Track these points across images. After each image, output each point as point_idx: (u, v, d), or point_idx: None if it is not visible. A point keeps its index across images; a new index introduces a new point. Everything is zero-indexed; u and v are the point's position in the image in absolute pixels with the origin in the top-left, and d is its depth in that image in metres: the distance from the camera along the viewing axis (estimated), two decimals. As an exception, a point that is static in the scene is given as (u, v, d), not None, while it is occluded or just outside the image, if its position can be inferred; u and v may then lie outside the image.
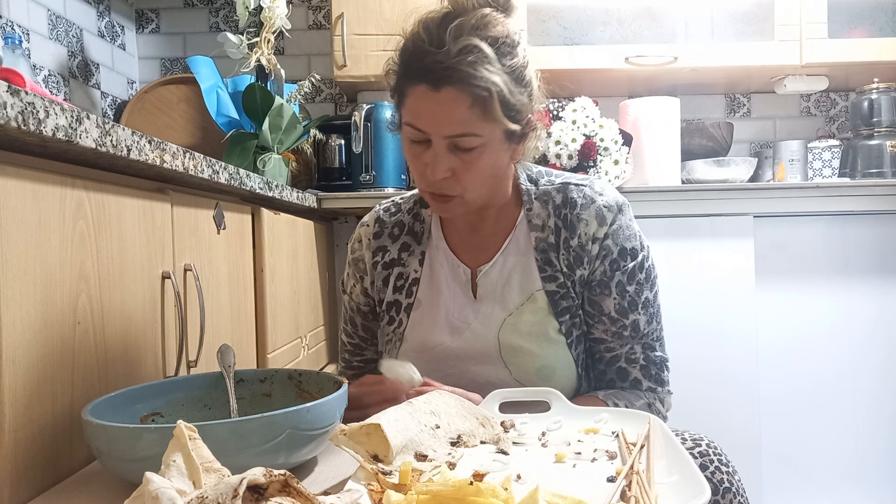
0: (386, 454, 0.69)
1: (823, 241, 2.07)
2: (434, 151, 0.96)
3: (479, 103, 0.92)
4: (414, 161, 1.00)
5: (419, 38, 0.95)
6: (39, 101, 0.69)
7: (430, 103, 0.93)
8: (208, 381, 0.88)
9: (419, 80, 0.94)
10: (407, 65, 0.97)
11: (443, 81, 0.91)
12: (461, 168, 0.97)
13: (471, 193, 1.00)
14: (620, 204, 1.07)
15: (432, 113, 0.94)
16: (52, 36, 1.99)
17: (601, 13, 2.42)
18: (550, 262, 1.06)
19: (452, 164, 0.97)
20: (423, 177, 1.00)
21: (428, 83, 0.93)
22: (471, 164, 0.97)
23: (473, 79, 0.91)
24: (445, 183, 0.98)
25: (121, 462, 0.67)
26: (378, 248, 1.16)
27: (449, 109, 0.93)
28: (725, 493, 0.91)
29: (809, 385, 2.08)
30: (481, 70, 0.91)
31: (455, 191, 0.99)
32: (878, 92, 2.27)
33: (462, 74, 0.91)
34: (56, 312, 0.77)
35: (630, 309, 1.06)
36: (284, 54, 2.56)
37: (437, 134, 0.95)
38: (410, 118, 0.97)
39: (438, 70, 0.91)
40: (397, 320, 1.13)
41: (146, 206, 0.98)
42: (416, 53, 0.94)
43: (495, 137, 0.97)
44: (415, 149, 0.99)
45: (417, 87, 0.94)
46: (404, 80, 0.97)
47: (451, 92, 0.92)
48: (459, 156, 0.96)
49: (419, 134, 0.96)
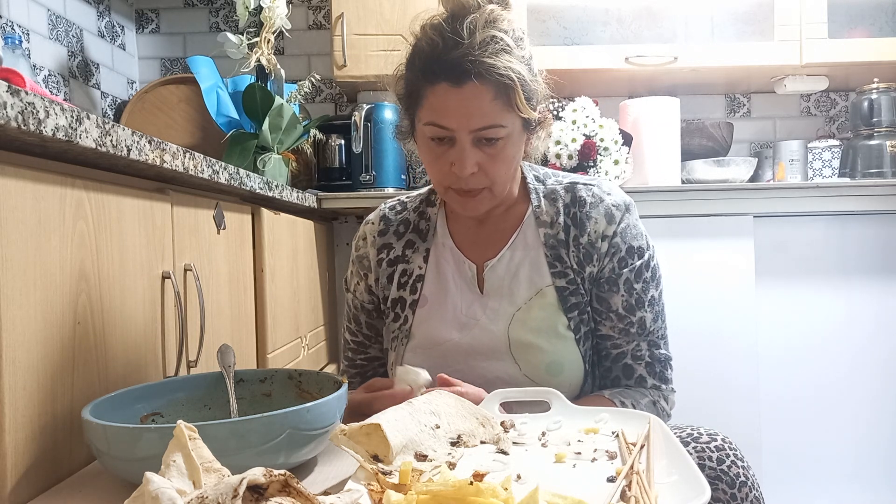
0: (386, 454, 0.69)
1: (823, 241, 2.07)
2: (461, 147, 0.98)
3: (502, 94, 0.96)
4: (436, 161, 1.01)
5: (432, 40, 0.97)
6: (39, 101, 0.69)
7: (453, 100, 0.95)
8: (208, 381, 0.88)
9: (439, 78, 0.96)
10: (424, 66, 0.98)
11: (465, 76, 0.94)
12: (487, 161, 0.99)
13: (498, 186, 1.02)
14: (628, 203, 1.09)
15: (456, 108, 0.96)
16: (52, 36, 1.99)
17: (601, 13, 2.42)
18: (561, 258, 1.08)
19: (479, 158, 0.99)
20: (446, 175, 1.01)
21: (449, 80, 0.95)
22: (496, 157, 0.99)
23: (497, 69, 0.94)
24: (472, 178, 1.00)
25: (121, 462, 0.67)
26: (383, 245, 1.17)
27: (474, 103, 0.95)
28: (742, 486, 0.91)
29: (809, 385, 2.08)
30: (504, 60, 0.94)
31: (483, 184, 1.01)
32: (878, 92, 2.27)
33: (487, 66, 0.93)
34: (56, 312, 0.77)
35: (637, 306, 1.07)
36: (284, 54, 2.56)
37: (463, 129, 0.97)
38: (433, 117, 0.98)
39: (462, 65, 0.93)
40: (402, 317, 1.13)
41: (146, 206, 0.98)
42: (434, 53, 0.96)
43: (516, 127, 1.00)
44: (437, 149, 1.00)
45: (438, 86, 0.96)
46: (422, 82, 0.98)
47: (474, 86, 0.94)
48: (484, 150, 0.99)
49: (443, 132, 0.98)
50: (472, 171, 0.99)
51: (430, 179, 1.09)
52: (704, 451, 0.94)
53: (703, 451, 0.94)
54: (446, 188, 1.04)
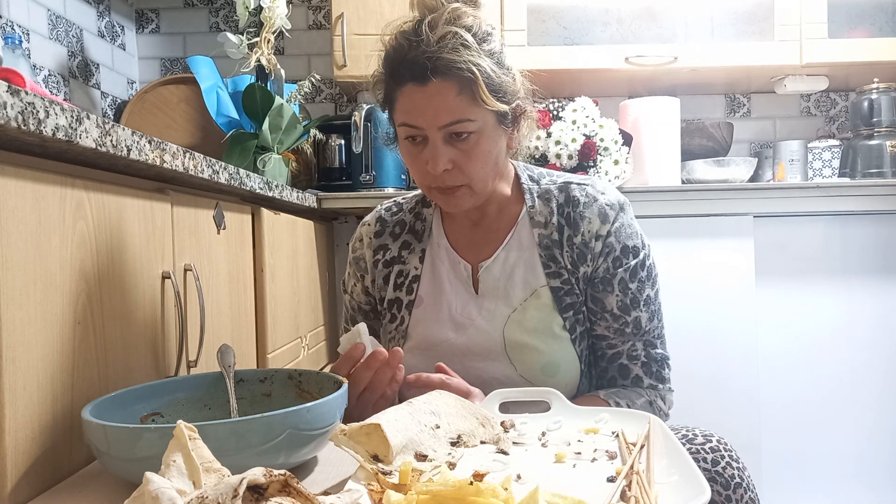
0: (386, 454, 0.69)
1: (823, 241, 2.07)
2: (432, 145, 0.99)
3: (467, 88, 0.97)
4: (414, 161, 1.03)
5: (398, 43, 0.99)
6: (39, 101, 0.69)
7: (420, 98, 0.97)
8: (208, 381, 0.88)
9: (406, 79, 0.98)
10: (391, 69, 1.00)
11: (428, 74, 0.95)
12: (461, 157, 1.00)
13: (477, 182, 1.02)
14: (622, 203, 1.09)
15: (424, 107, 0.97)
16: (52, 36, 1.99)
17: (601, 13, 2.42)
18: (555, 258, 1.08)
19: (451, 155, 0.99)
20: (425, 174, 1.02)
21: (415, 80, 0.97)
22: (469, 152, 1.00)
23: (456, 63, 0.95)
24: (448, 175, 1.01)
25: (121, 462, 0.67)
26: (379, 246, 1.17)
27: (439, 100, 0.96)
28: (737, 488, 0.91)
29: (809, 385, 2.08)
30: (463, 54, 0.96)
31: (459, 181, 1.01)
32: (878, 92, 2.27)
33: (445, 62, 0.95)
34: (56, 312, 0.77)
35: (632, 306, 1.07)
36: (284, 54, 2.56)
37: (431, 126, 0.98)
38: (404, 118, 1.00)
39: (422, 63, 0.95)
40: (399, 317, 1.13)
41: (146, 206, 0.98)
42: (398, 56, 0.98)
43: (489, 122, 1.00)
44: (413, 149, 1.02)
45: (405, 87, 0.98)
46: (392, 85, 1.01)
47: (438, 83, 0.96)
48: (457, 146, 0.99)
49: (415, 131, 1.00)
50: (447, 168, 0.99)
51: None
52: (699, 452, 0.94)
53: (698, 453, 0.94)
54: (428, 187, 1.05)
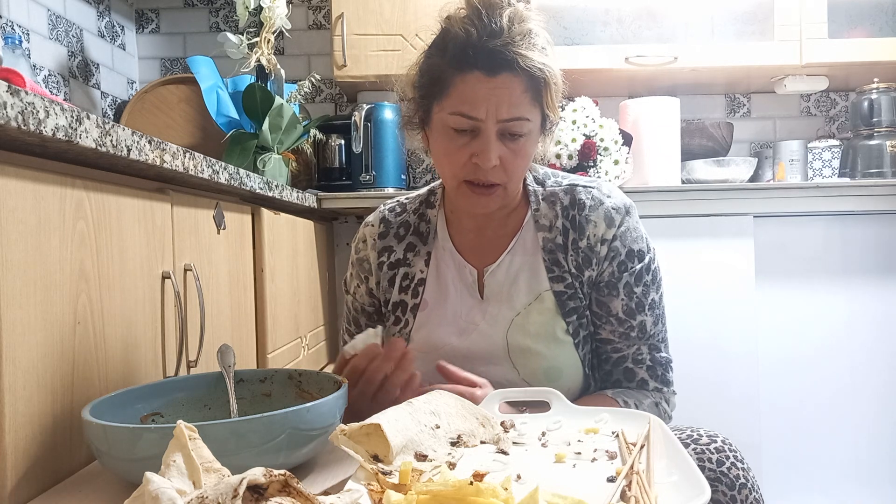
0: (386, 454, 0.69)
1: (823, 241, 2.07)
2: (486, 138, 0.97)
3: (532, 87, 0.96)
4: (456, 153, 0.99)
5: (467, 28, 0.96)
6: (39, 101, 0.69)
7: (484, 88, 0.95)
8: (208, 381, 0.88)
9: (472, 67, 0.95)
10: (457, 53, 0.96)
11: (502, 66, 0.94)
12: (508, 156, 0.99)
13: (513, 184, 1.02)
14: (628, 206, 1.08)
15: (487, 98, 0.95)
16: (52, 36, 1.99)
17: (601, 13, 2.41)
18: (558, 262, 1.07)
19: (501, 151, 0.98)
20: (463, 166, 1.00)
21: (484, 69, 0.95)
22: (518, 152, 0.99)
23: (535, 62, 0.94)
24: (493, 172, 0.99)
25: (121, 462, 0.67)
26: (383, 248, 1.16)
27: (505, 93, 0.95)
28: (742, 488, 0.91)
29: (809, 385, 2.08)
30: (539, 54, 0.95)
31: (500, 179, 1.00)
32: (878, 92, 2.27)
33: (526, 58, 0.94)
34: (56, 312, 0.77)
35: (637, 310, 1.06)
36: (284, 54, 2.56)
37: (490, 118, 0.96)
38: (459, 106, 0.97)
39: (501, 54, 0.94)
40: (403, 320, 1.13)
41: (146, 206, 0.98)
42: (470, 41, 0.95)
43: (537, 125, 1.00)
44: (457, 139, 0.99)
45: (469, 75, 0.96)
46: (452, 70, 0.97)
47: (507, 76, 0.95)
48: (507, 144, 0.98)
49: (469, 122, 0.97)
50: (495, 164, 0.98)
51: (438, 175, 1.07)
52: (704, 452, 0.94)
53: (703, 453, 0.94)
54: (460, 182, 1.02)
